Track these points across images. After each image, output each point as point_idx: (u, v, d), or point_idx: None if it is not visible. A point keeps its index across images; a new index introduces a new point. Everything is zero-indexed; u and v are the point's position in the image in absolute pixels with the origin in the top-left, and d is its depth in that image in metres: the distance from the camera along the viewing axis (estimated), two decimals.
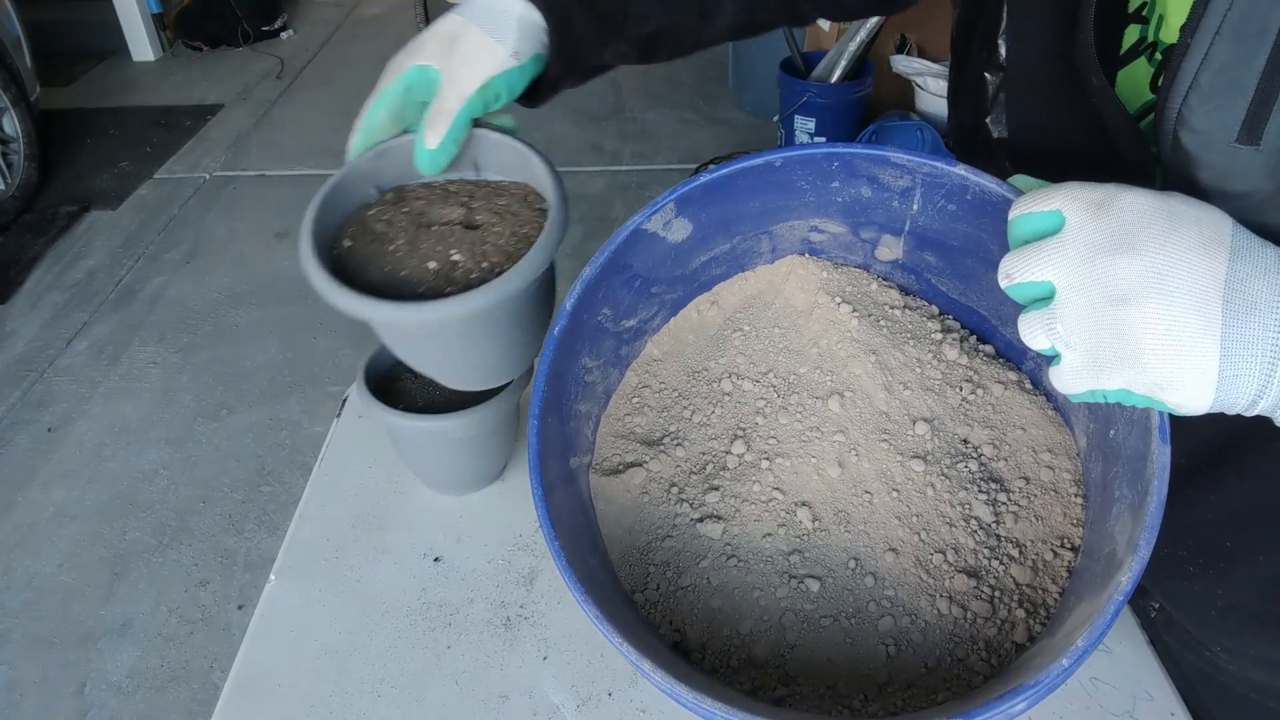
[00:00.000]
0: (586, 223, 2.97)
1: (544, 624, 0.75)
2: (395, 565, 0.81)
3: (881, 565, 0.55)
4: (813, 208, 0.62)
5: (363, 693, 0.70)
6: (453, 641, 0.74)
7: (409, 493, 0.88)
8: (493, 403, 0.79)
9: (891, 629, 0.52)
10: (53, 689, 1.62)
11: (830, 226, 0.63)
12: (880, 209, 0.61)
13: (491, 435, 0.84)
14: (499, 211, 0.58)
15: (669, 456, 0.62)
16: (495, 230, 0.56)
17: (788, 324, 0.65)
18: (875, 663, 0.51)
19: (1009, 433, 0.59)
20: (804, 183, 0.60)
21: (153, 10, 4.39)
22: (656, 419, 0.65)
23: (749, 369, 0.64)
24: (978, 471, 0.57)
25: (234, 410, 2.25)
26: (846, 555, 0.55)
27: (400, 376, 0.86)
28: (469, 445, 0.82)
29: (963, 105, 0.81)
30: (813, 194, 0.60)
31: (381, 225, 0.56)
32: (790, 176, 0.59)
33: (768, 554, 0.56)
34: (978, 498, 0.56)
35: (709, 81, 3.95)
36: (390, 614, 0.76)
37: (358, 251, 0.55)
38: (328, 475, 0.90)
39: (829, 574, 0.55)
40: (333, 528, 0.84)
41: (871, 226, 0.63)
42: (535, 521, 0.85)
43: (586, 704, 0.69)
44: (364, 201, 0.59)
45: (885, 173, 0.57)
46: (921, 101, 3.03)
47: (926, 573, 0.54)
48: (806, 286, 0.65)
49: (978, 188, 0.53)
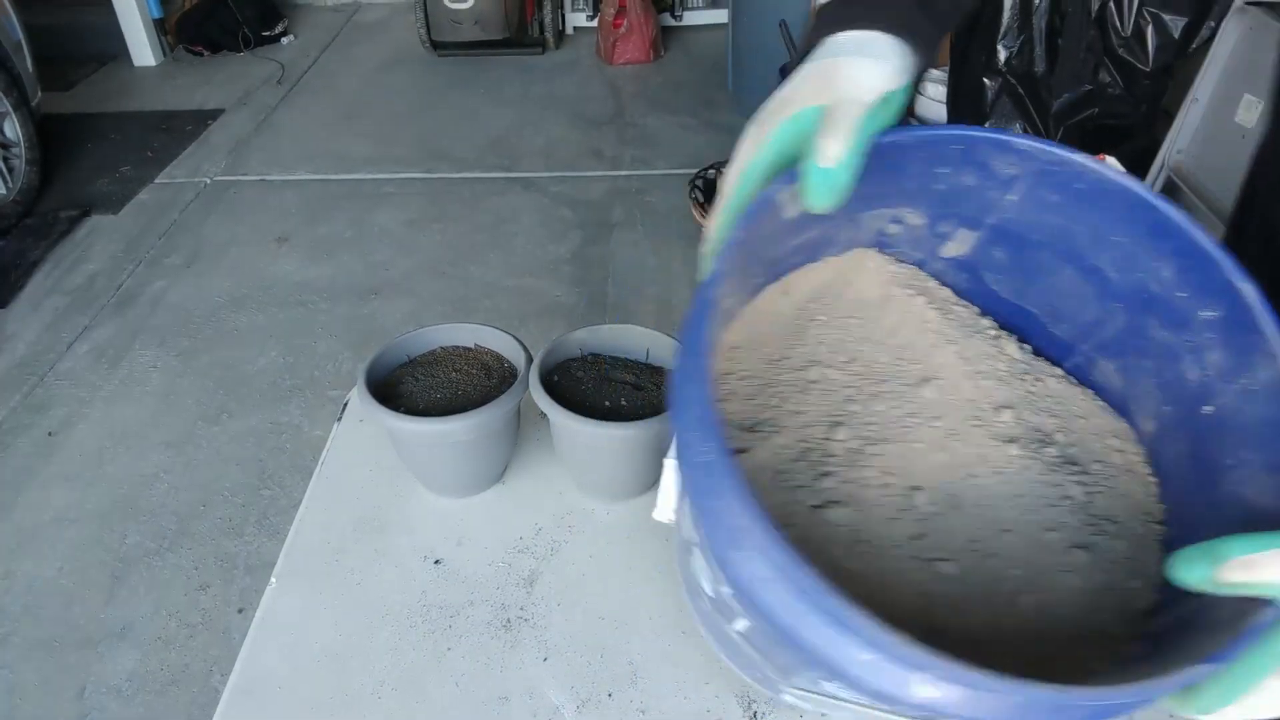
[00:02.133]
0: (586, 228, 2.98)
1: (544, 626, 0.75)
2: (396, 568, 0.81)
3: (1002, 545, 0.55)
4: (907, 195, 0.60)
5: (363, 695, 0.70)
6: (453, 644, 0.74)
7: (410, 496, 0.88)
8: (493, 405, 0.79)
9: (1033, 605, 0.53)
10: (52, 692, 1.62)
11: (911, 218, 0.63)
12: (973, 199, 0.58)
13: (492, 438, 0.84)
14: (656, 382, 0.85)
15: (768, 444, 0.62)
16: (652, 391, 0.84)
17: (863, 314, 0.65)
18: (1024, 639, 0.52)
19: (1072, 421, 0.61)
20: (914, 166, 0.57)
21: (154, 15, 4.40)
22: (746, 405, 0.65)
23: (831, 358, 0.64)
24: (1058, 455, 0.59)
25: (234, 414, 2.25)
26: (966, 537, 0.56)
27: (401, 379, 0.86)
28: (470, 448, 0.83)
29: (962, 109, 0.81)
30: (915, 180, 0.57)
31: (580, 374, 0.85)
32: (905, 159, 0.55)
33: (895, 539, 0.56)
34: (1068, 479, 0.57)
35: (708, 86, 3.96)
36: (391, 616, 0.76)
37: (563, 384, 0.84)
38: (329, 478, 0.91)
39: (956, 556, 0.55)
40: (333, 531, 0.85)
41: (952, 219, 0.62)
42: (536, 524, 0.86)
43: (586, 705, 0.69)
44: (570, 357, 0.88)
45: (1000, 159, 0.55)
46: (921, 106, 3.04)
47: (1045, 550, 0.55)
48: (878, 279, 0.65)
49: (1095, 175, 0.53)
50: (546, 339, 0.87)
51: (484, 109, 3.85)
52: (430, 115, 3.82)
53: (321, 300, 2.67)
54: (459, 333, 0.91)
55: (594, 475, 0.86)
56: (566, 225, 2.99)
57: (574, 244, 2.89)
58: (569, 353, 0.88)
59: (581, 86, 4.05)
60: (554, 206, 3.10)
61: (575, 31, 4.63)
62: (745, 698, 0.69)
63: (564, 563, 0.81)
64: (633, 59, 4.20)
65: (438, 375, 0.87)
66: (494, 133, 3.64)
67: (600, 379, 0.85)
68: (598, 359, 0.89)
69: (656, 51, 4.27)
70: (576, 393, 0.84)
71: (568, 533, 0.84)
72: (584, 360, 0.88)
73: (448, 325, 0.91)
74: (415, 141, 3.59)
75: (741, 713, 0.68)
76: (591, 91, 3.99)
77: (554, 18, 4.37)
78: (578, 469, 0.87)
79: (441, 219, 3.05)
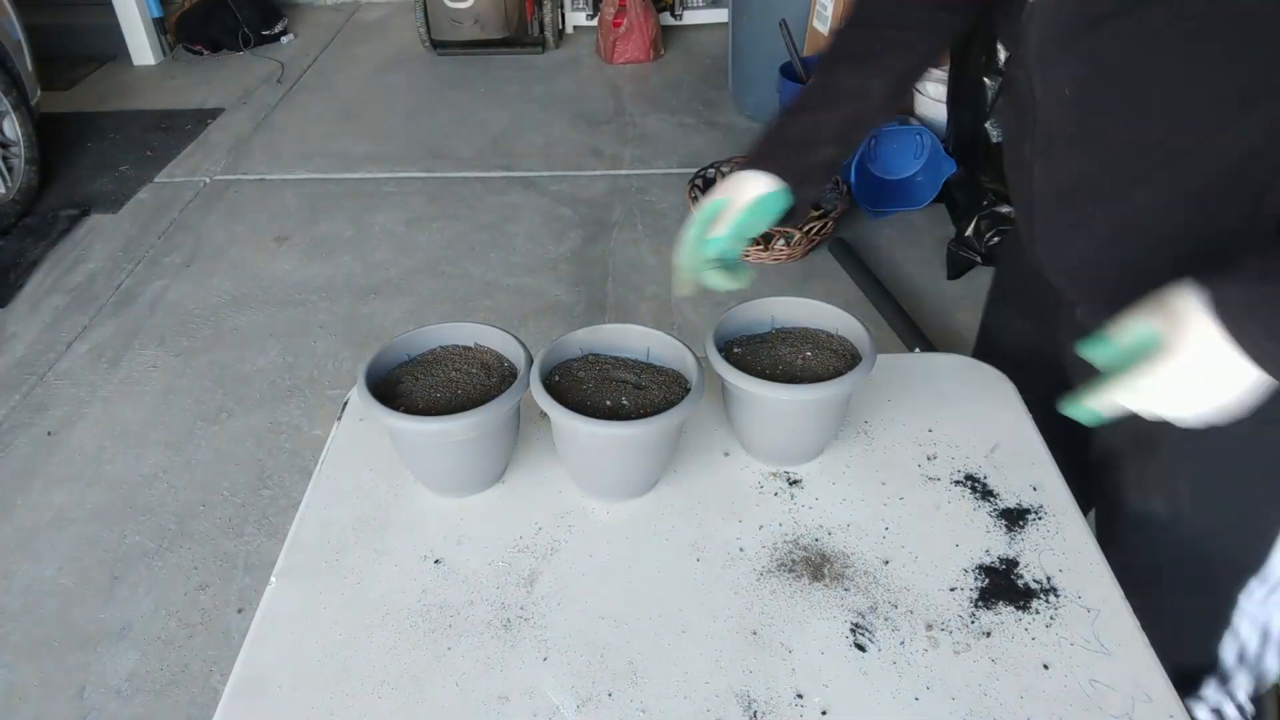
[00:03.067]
0: (587, 226, 2.97)
1: (544, 625, 0.75)
2: (396, 567, 0.81)
3: None
4: None
5: (363, 694, 0.70)
6: (453, 643, 0.74)
7: (409, 495, 0.88)
8: (493, 405, 0.79)
9: None
10: (52, 692, 1.62)
11: None
12: None
13: (492, 437, 0.84)
14: (657, 381, 0.86)
15: None
16: (653, 390, 0.85)
17: None
18: None
19: None
20: None
21: (153, 14, 4.40)
22: None
23: None
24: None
25: (234, 414, 2.25)
26: None
27: (401, 379, 0.86)
28: (470, 447, 0.82)
29: (962, 109, 0.84)
30: None
31: (581, 374, 0.86)
32: None
33: None
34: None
35: (708, 86, 3.96)
36: (391, 616, 0.76)
37: (563, 384, 0.85)
38: (328, 478, 0.91)
39: None
40: (333, 530, 0.85)
41: None
42: (536, 524, 0.86)
43: (586, 705, 0.69)
44: (571, 357, 0.89)
45: None
46: (921, 106, 3.04)
47: None
48: None
49: None
50: (546, 338, 0.87)
51: (484, 108, 3.85)
52: (430, 114, 3.81)
53: (321, 299, 2.67)
54: (459, 332, 0.91)
55: (595, 475, 0.86)
56: (566, 224, 2.99)
57: (574, 243, 2.89)
58: (569, 353, 0.89)
59: (581, 86, 4.05)
60: (554, 206, 3.10)
61: (575, 30, 4.62)
62: (745, 697, 0.69)
63: (564, 563, 0.81)
64: (633, 58, 4.20)
65: (437, 374, 0.87)
66: (494, 132, 3.63)
67: (601, 379, 0.86)
68: (598, 359, 0.89)
69: (656, 51, 4.26)
70: (578, 393, 0.84)
71: (568, 533, 0.84)
72: (584, 360, 0.88)
73: (448, 324, 0.91)
74: (415, 141, 3.58)
75: (741, 713, 0.68)
76: (591, 91, 3.99)
77: (554, 17, 4.36)
78: (579, 469, 0.87)
79: (441, 218, 3.05)
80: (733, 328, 0.92)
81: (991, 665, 0.71)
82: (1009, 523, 0.84)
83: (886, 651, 0.73)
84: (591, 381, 0.86)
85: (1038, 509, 0.85)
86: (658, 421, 0.78)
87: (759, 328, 0.94)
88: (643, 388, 0.85)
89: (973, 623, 0.75)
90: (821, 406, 0.85)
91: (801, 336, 0.92)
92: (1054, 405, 0.70)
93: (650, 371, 0.88)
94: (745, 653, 0.73)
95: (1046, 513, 0.84)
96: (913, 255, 2.68)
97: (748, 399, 0.85)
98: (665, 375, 0.87)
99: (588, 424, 0.77)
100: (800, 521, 0.85)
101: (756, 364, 0.88)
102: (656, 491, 0.88)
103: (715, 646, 0.73)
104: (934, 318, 2.43)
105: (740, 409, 0.88)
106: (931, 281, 2.57)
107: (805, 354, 0.89)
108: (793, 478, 0.89)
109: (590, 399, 0.83)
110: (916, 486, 0.88)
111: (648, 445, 0.82)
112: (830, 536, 0.83)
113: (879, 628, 0.74)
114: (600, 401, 0.83)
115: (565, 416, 0.78)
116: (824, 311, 0.93)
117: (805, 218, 0.98)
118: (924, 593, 0.77)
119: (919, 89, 2.97)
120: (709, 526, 0.84)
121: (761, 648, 0.73)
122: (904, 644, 0.73)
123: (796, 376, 0.86)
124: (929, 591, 0.77)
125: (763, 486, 0.89)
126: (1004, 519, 0.84)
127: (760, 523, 0.85)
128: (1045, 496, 0.86)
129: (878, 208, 2.78)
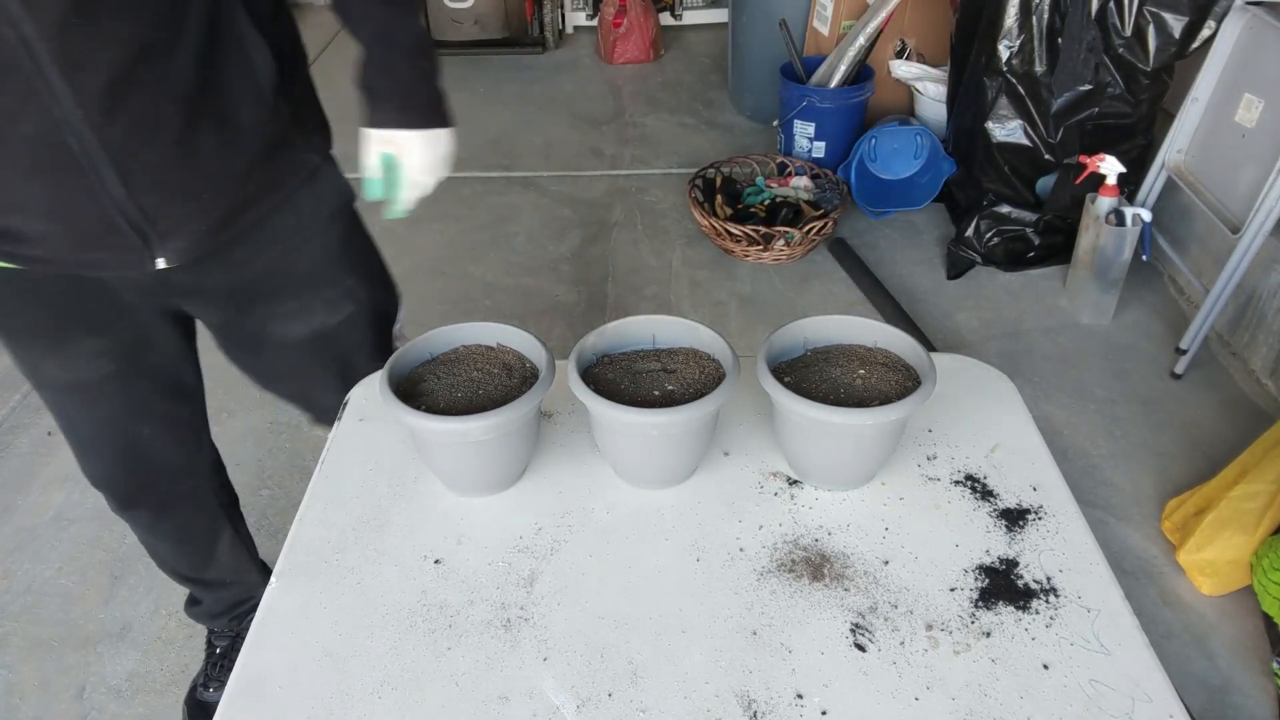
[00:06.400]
0: (587, 226, 2.97)
1: (544, 625, 0.75)
2: (396, 568, 0.81)
3: None
4: None
5: (363, 694, 0.70)
6: (453, 643, 0.74)
7: (409, 495, 0.88)
8: (514, 405, 0.79)
9: None
10: (52, 692, 1.62)
11: None
12: None
13: (512, 438, 0.84)
14: (681, 360, 0.89)
15: None
16: (684, 372, 0.87)
17: None
18: None
19: None
20: None
21: None
22: None
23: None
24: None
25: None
26: None
27: (423, 377, 0.87)
28: (490, 447, 0.82)
29: (962, 109, 0.84)
30: None
31: (608, 375, 0.88)
32: None
33: None
34: None
35: (708, 86, 3.96)
36: (391, 616, 0.76)
37: (599, 380, 0.87)
38: (328, 478, 0.91)
39: None
40: (333, 531, 0.85)
41: None
42: (536, 524, 0.86)
43: (586, 704, 0.69)
44: (589, 363, 0.89)
45: None
46: (921, 106, 3.03)
47: None
48: None
49: None
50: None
51: (483, 108, 3.85)
52: None
53: None
54: (483, 331, 0.91)
55: (646, 465, 0.87)
56: (566, 224, 2.99)
57: (573, 243, 2.89)
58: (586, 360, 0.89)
59: (581, 85, 4.05)
60: (553, 206, 3.10)
61: (575, 30, 4.62)
62: (745, 697, 0.69)
63: (564, 563, 0.81)
64: (632, 58, 4.20)
65: (459, 374, 0.87)
66: (493, 132, 3.63)
67: (629, 373, 0.88)
68: (611, 358, 0.90)
69: (656, 51, 4.27)
70: (615, 389, 0.85)
71: (568, 533, 0.84)
72: (604, 361, 0.90)
73: (471, 324, 0.91)
74: None
75: (741, 713, 0.68)
76: (591, 90, 3.99)
77: (554, 17, 4.36)
78: (628, 462, 0.87)
79: (441, 218, 3.05)
80: (771, 354, 0.89)
81: (991, 665, 0.71)
82: (1009, 523, 0.84)
83: (886, 651, 0.73)
84: (625, 378, 0.87)
85: (1038, 509, 0.85)
86: (712, 400, 0.80)
87: (794, 352, 0.91)
88: (673, 370, 0.87)
89: (973, 623, 0.75)
90: (898, 425, 0.83)
91: (844, 355, 0.89)
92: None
93: (668, 355, 0.90)
94: (745, 653, 0.73)
95: (1046, 513, 0.84)
96: (912, 255, 2.68)
97: (824, 429, 0.81)
98: (682, 354, 0.90)
99: (642, 415, 0.79)
100: (800, 521, 0.85)
101: (813, 389, 0.85)
102: (657, 492, 0.88)
103: (715, 646, 0.73)
104: (934, 318, 2.43)
105: (812, 441, 0.84)
106: (931, 281, 2.57)
107: (859, 373, 0.87)
108: (793, 478, 0.90)
109: (629, 394, 0.85)
110: (916, 486, 0.88)
111: (698, 428, 0.84)
112: (830, 536, 0.83)
113: (879, 628, 0.74)
114: (648, 392, 0.85)
115: (618, 411, 0.79)
116: (856, 325, 0.91)
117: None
118: (924, 593, 0.77)
119: (919, 89, 2.97)
120: (709, 526, 0.84)
121: (761, 648, 0.73)
122: (904, 644, 0.73)
123: (862, 398, 0.84)
124: (929, 591, 0.77)
125: (763, 486, 0.89)
126: (1004, 519, 0.84)
127: (760, 523, 0.85)
128: (1045, 496, 0.86)
129: (877, 208, 2.78)
